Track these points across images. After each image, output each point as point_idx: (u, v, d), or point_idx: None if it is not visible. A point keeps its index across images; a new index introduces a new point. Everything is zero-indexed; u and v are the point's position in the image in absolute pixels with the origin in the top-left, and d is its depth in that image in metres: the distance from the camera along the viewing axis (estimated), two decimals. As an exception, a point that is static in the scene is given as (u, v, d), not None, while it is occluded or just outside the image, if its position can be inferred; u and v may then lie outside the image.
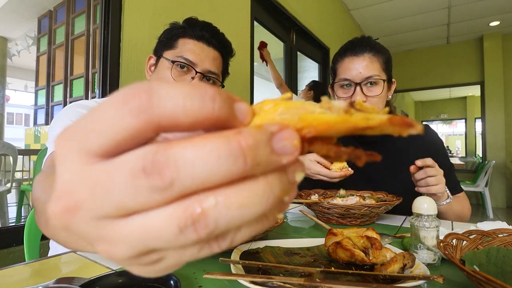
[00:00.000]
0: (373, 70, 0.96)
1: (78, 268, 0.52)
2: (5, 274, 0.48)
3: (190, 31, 0.81)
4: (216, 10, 2.05)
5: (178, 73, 0.80)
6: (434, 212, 0.54)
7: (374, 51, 0.99)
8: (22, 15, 2.42)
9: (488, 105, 5.67)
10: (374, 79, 0.96)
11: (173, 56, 0.80)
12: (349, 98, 0.99)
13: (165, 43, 0.83)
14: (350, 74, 0.98)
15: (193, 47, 0.80)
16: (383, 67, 0.99)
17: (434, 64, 6.31)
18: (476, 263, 0.44)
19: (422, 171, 0.83)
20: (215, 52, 0.83)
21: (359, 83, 0.96)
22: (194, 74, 0.79)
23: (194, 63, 0.79)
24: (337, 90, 1.04)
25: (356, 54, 0.99)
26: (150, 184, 0.11)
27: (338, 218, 0.84)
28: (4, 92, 2.33)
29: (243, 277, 0.40)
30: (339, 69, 1.03)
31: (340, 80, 1.01)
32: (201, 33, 0.81)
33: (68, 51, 2.08)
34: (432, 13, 4.73)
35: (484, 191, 4.98)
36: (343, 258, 0.50)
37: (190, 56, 0.79)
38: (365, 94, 0.97)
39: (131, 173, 0.11)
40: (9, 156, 2.34)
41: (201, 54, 0.80)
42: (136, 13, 1.51)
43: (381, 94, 0.98)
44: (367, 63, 0.97)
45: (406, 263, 0.44)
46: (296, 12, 3.10)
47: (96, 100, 0.81)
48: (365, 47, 0.99)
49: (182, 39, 0.81)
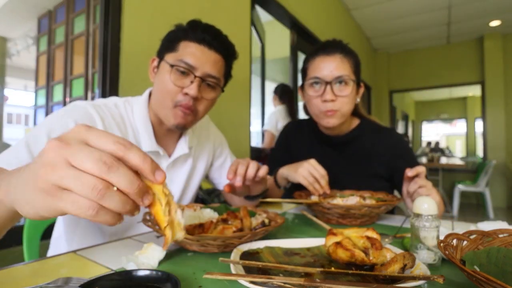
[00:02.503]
0: (343, 70, 0.99)
1: (78, 268, 0.52)
2: (5, 274, 0.48)
3: (191, 33, 0.80)
4: (217, 10, 2.05)
5: (177, 77, 0.79)
6: (434, 212, 0.54)
7: (345, 53, 1.02)
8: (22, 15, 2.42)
9: (488, 105, 5.67)
10: (344, 79, 0.99)
11: (174, 59, 0.79)
12: (319, 97, 1.01)
13: (167, 46, 0.82)
14: (321, 73, 1.00)
15: (193, 50, 0.79)
16: (353, 69, 1.02)
17: (434, 64, 6.30)
18: (477, 263, 0.44)
19: (413, 183, 0.79)
20: (217, 55, 0.82)
21: (330, 82, 0.98)
22: (193, 78, 0.79)
23: (193, 66, 0.78)
24: (307, 89, 1.05)
25: (327, 54, 1.01)
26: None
27: (338, 218, 0.84)
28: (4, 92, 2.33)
29: (243, 277, 0.40)
30: (310, 68, 1.05)
31: (311, 79, 1.03)
32: (203, 35, 0.80)
33: (67, 51, 2.07)
34: (432, 13, 4.73)
35: (485, 191, 4.98)
36: (343, 258, 0.50)
37: (190, 59, 0.78)
38: (334, 94, 0.99)
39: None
40: (9, 156, 2.34)
41: (202, 57, 0.79)
42: (136, 13, 1.51)
43: (350, 94, 1.00)
44: (338, 63, 0.99)
45: (406, 263, 0.43)
46: (296, 12, 3.10)
47: (88, 103, 0.79)
48: (336, 48, 1.02)
49: (184, 42, 0.80)
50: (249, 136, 2.42)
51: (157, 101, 0.83)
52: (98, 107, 0.79)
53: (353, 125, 1.14)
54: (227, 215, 0.64)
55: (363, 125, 1.14)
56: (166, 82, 0.79)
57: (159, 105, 0.83)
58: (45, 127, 0.71)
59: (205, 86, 0.82)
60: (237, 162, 0.81)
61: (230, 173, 0.79)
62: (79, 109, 0.76)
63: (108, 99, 0.87)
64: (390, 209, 0.85)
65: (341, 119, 1.04)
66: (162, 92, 0.80)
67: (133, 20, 1.49)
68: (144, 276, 0.42)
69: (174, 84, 0.78)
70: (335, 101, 1.00)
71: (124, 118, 0.84)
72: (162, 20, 1.62)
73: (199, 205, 0.80)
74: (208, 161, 1.05)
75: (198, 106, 0.82)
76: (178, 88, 0.79)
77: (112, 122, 0.80)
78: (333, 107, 1.00)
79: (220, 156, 1.09)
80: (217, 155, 1.08)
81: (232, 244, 0.58)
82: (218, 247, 0.58)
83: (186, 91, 0.78)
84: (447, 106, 10.56)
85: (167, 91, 0.79)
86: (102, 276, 0.40)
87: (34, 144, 0.68)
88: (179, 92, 0.79)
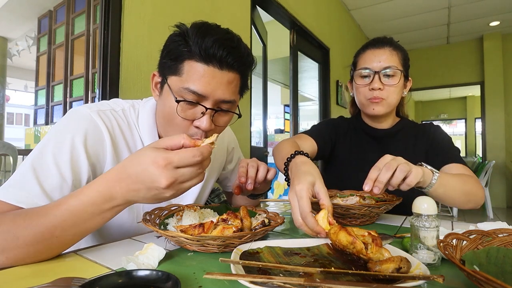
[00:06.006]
0: (392, 61, 1.04)
1: (78, 268, 0.52)
2: (5, 274, 0.48)
3: (197, 49, 0.65)
4: (217, 10, 2.05)
5: (185, 109, 0.68)
6: (434, 212, 0.54)
7: (394, 47, 1.06)
8: (22, 15, 2.42)
9: (488, 105, 5.67)
10: (392, 70, 1.03)
11: (179, 86, 0.66)
12: (367, 85, 1.05)
13: (169, 66, 0.68)
14: (370, 64, 1.05)
15: (202, 73, 0.65)
16: (402, 62, 1.06)
17: (434, 64, 6.31)
18: (476, 263, 0.44)
19: (383, 175, 0.68)
20: (230, 74, 0.68)
21: (378, 71, 1.03)
22: (205, 110, 0.67)
23: (203, 95, 0.66)
24: (356, 79, 1.09)
25: (377, 47, 1.06)
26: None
27: (338, 218, 0.84)
28: (4, 92, 2.33)
29: (243, 277, 0.40)
30: (359, 60, 1.10)
31: (360, 69, 1.07)
32: (212, 52, 0.64)
33: (68, 51, 2.08)
34: (432, 13, 4.74)
35: (484, 191, 4.97)
36: (342, 243, 0.51)
37: (198, 87, 0.65)
38: (382, 83, 1.03)
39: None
40: (9, 156, 2.35)
41: (212, 82, 0.66)
42: (136, 13, 1.51)
43: (397, 84, 1.03)
44: (387, 55, 1.04)
45: (402, 266, 0.43)
46: (296, 12, 3.10)
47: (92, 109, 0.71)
48: (385, 42, 1.07)
49: (188, 62, 0.66)
50: (249, 136, 2.42)
51: (164, 129, 0.75)
52: (103, 114, 0.72)
53: (396, 121, 1.17)
54: (227, 215, 0.64)
55: (404, 121, 1.17)
56: (173, 114, 0.68)
57: (166, 134, 0.74)
58: (51, 154, 0.63)
59: (218, 113, 0.71)
60: (246, 163, 0.79)
61: (243, 176, 0.77)
62: (82, 121, 0.68)
63: (115, 103, 0.79)
64: (390, 209, 0.85)
65: (387, 109, 1.06)
66: (169, 124, 0.71)
67: (133, 20, 1.49)
68: (144, 276, 0.42)
69: (183, 118, 0.68)
70: (382, 90, 1.03)
71: (132, 126, 0.77)
72: (162, 20, 1.62)
73: (199, 205, 0.80)
74: (221, 165, 1.03)
75: (210, 134, 0.70)
76: (187, 122, 0.69)
77: (119, 133, 0.73)
78: (380, 95, 1.03)
79: (232, 161, 1.08)
80: (229, 160, 1.07)
81: (232, 244, 0.58)
82: (218, 247, 0.58)
83: (197, 125, 0.69)
84: (447, 106, 10.57)
85: (175, 125, 0.70)
86: (102, 276, 0.40)
87: (45, 180, 0.61)
88: (189, 125, 0.70)
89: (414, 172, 0.69)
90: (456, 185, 0.82)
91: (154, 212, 0.71)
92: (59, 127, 0.68)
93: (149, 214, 0.70)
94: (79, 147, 0.66)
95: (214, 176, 1.00)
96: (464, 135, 10.43)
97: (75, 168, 0.65)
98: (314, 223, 0.60)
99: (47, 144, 0.65)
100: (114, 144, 0.72)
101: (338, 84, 4.16)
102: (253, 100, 2.43)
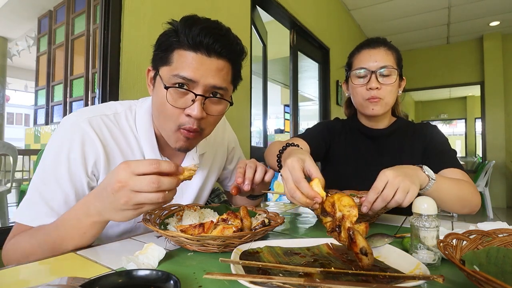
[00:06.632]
0: (388, 61, 1.05)
1: (78, 268, 0.52)
2: (5, 274, 0.48)
3: (185, 38, 0.67)
4: (216, 10, 2.05)
5: (176, 97, 0.69)
6: (434, 212, 0.54)
7: (388, 47, 1.08)
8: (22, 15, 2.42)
9: (488, 105, 5.67)
10: (388, 69, 1.04)
11: (169, 75, 0.68)
12: (364, 85, 1.06)
13: (160, 57, 0.71)
14: (366, 64, 1.06)
15: (190, 60, 0.67)
16: (396, 62, 1.08)
17: (434, 64, 6.31)
18: (476, 263, 0.44)
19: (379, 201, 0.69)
20: (219, 61, 0.69)
21: (375, 71, 1.04)
22: (194, 97, 0.68)
23: (192, 81, 0.67)
24: (353, 79, 1.10)
25: (372, 47, 1.07)
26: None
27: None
28: (4, 92, 2.33)
29: (243, 277, 0.40)
30: (355, 61, 1.10)
31: (356, 69, 1.07)
32: (198, 39, 0.66)
33: (68, 51, 2.07)
34: (432, 13, 4.74)
35: (484, 191, 4.98)
36: (345, 204, 0.55)
37: (187, 73, 0.66)
38: (379, 82, 1.04)
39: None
40: (9, 156, 2.34)
41: (200, 68, 0.67)
42: (136, 13, 1.51)
43: (394, 83, 1.05)
44: (382, 55, 1.05)
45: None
46: (296, 12, 3.10)
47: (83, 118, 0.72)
48: (380, 43, 1.08)
49: (178, 51, 0.68)
50: (249, 136, 2.42)
51: (158, 122, 0.76)
52: (93, 121, 0.72)
53: (392, 121, 1.17)
54: (227, 215, 0.64)
55: (400, 121, 1.17)
56: (164, 104, 0.69)
57: (160, 126, 0.75)
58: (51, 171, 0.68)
59: (210, 101, 0.71)
60: (244, 164, 0.79)
61: (240, 177, 0.76)
62: (74, 134, 0.70)
63: (109, 106, 0.79)
64: (390, 209, 0.85)
65: (384, 108, 1.07)
66: (162, 114, 0.72)
67: (133, 20, 1.49)
68: (144, 276, 0.42)
69: (173, 106, 0.68)
70: (380, 89, 1.04)
71: (125, 130, 0.77)
72: (162, 20, 1.61)
73: (199, 205, 0.80)
74: (222, 165, 1.03)
75: (204, 124, 0.73)
76: (178, 110, 0.69)
77: (110, 138, 0.74)
78: (378, 95, 1.04)
79: (232, 161, 1.08)
80: (230, 159, 1.07)
81: (232, 244, 0.58)
82: (218, 247, 0.58)
83: (188, 112, 0.69)
84: (447, 106, 10.56)
85: (167, 115, 0.70)
86: (102, 276, 0.40)
87: (50, 199, 0.66)
88: (181, 113, 0.70)
89: (410, 194, 0.67)
90: (451, 191, 0.83)
91: (154, 212, 0.71)
92: (54, 142, 0.71)
93: (149, 214, 0.70)
94: (74, 159, 0.69)
95: (214, 176, 0.99)
96: (464, 135, 10.43)
97: (74, 181, 0.69)
98: (309, 187, 0.59)
99: (46, 163, 0.69)
100: (106, 150, 0.73)
101: (338, 84, 4.16)
102: (253, 100, 2.43)
